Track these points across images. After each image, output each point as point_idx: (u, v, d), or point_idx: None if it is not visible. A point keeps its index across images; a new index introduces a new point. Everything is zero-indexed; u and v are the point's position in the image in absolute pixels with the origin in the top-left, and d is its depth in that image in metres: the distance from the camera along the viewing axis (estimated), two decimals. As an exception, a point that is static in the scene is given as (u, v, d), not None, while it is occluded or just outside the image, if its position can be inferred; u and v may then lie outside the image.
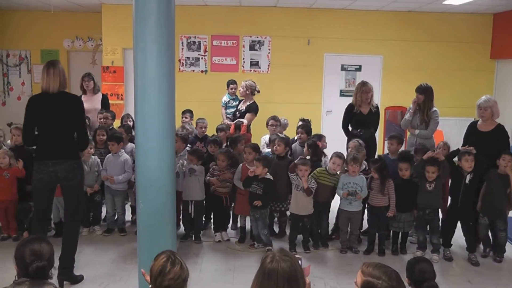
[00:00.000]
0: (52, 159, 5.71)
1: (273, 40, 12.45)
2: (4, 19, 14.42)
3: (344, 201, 7.11)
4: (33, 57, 14.72)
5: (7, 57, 14.84)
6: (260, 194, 7.01)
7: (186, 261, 6.22)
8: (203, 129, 8.71)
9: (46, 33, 14.30)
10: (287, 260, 2.99)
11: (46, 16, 13.74)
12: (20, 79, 14.91)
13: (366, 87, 8.14)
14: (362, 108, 8.17)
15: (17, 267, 3.29)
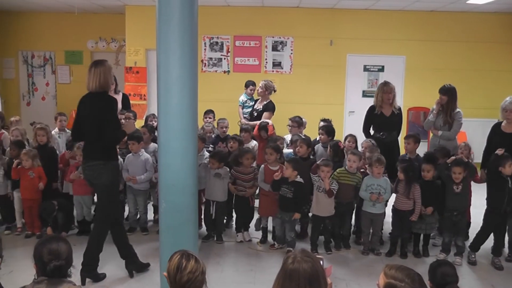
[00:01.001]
0: (84, 157, 5.97)
1: (295, 40, 12.43)
2: (29, 21, 14.61)
3: (367, 202, 7.05)
4: (57, 58, 14.89)
5: (32, 58, 15.03)
6: (290, 197, 6.95)
7: (208, 261, 6.31)
8: (224, 129, 8.72)
9: (70, 35, 14.47)
10: (308, 261, 2.98)
11: (70, 17, 13.90)
12: (45, 80, 15.09)
13: (387, 87, 8.02)
14: (384, 110, 8.03)
15: (36, 266, 3.32)
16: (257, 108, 9.65)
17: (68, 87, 14.86)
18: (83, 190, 7.53)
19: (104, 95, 5.83)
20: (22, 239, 7.49)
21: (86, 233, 7.60)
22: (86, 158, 5.91)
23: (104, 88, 5.82)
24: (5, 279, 3.63)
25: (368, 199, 6.97)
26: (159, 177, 5.44)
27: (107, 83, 5.85)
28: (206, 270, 3.27)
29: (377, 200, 6.93)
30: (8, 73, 15.13)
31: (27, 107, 15.25)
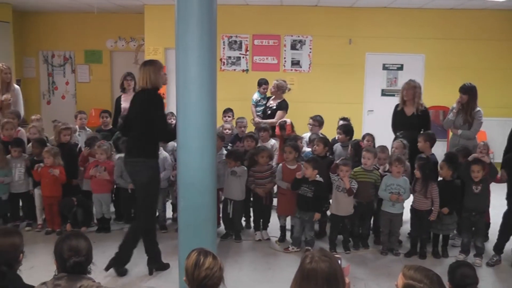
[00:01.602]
0: (126, 153, 6.09)
1: (314, 39, 12.40)
2: (49, 22, 14.77)
3: (386, 202, 7.00)
4: (77, 57, 15.02)
5: (52, 58, 15.17)
6: (311, 196, 6.93)
7: (226, 259, 6.32)
8: (243, 128, 8.73)
9: (89, 34, 14.59)
10: (326, 260, 2.98)
11: (90, 17, 14.01)
12: (65, 79, 15.22)
13: (407, 84, 8.02)
14: (407, 109, 8.00)
15: (56, 262, 3.36)
16: (270, 106, 9.63)
17: (87, 86, 14.98)
18: (101, 189, 7.61)
19: (153, 92, 5.88)
20: (43, 235, 7.58)
21: (105, 230, 7.69)
22: (128, 153, 6.00)
23: (154, 85, 5.88)
24: (26, 275, 3.65)
25: (388, 199, 6.92)
26: (178, 176, 5.47)
27: (157, 80, 5.90)
28: (223, 267, 3.29)
29: (396, 200, 6.89)
30: (29, 73, 15.27)
31: (47, 105, 15.39)
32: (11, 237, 3.56)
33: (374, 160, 7.21)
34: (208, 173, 5.38)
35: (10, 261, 3.48)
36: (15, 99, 9.26)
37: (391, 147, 7.81)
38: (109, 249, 6.82)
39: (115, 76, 14.52)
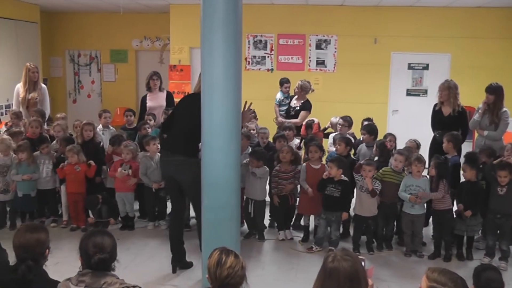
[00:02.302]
0: (169, 150, 6.05)
1: (339, 39, 12.33)
2: (76, 21, 14.94)
3: (406, 203, 6.94)
4: (103, 56, 15.16)
5: (78, 57, 15.34)
6: (338, 196, 6.90)
7: (249, 259, 6.31)
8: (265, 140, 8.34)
9: (115, 34, 14.73)
10: (348, 259, 2.98)
11: (116, 17, 14.12)
12: (90, 78, 15.38)
13: (442, 84, 8.04)
14: (444, 108, 7.98)
15: (81, 258, 3.39)
16: (294, 106, 9.63)
17: (113, 85, 15.11)
18: (125, 187, 7.68)
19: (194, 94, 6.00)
20: (68, 232, 7.68)
21: (129, 228, 7.75)
22: (173, 153, 5.97)
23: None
24: (52, 270, 3.70)
25: (407, 200, 6.86)
26: (202, 174, 5.47)
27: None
28: (246, 266, 3.29)
29: (415, 202, 6.82)
30: (55, 72, 15.46)
31: (73, 104, 15.56)
32: (38, 233, 3.61)
33: (405, 162, 7.12)
34: (232, 172, 5.38)
35: (36, 256, 3.53)
36: (42, 97, 9.41)
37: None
38: (133, 247, 6.91)
39: (140, 75, 14.64)
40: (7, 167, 7.68)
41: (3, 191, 7.70)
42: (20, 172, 7.62)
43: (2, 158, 7.69)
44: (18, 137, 8.06)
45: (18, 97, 9.37)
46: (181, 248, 6.29)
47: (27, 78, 9.27)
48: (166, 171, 6.20)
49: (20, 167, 7.63)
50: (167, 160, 6.05)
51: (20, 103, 9.35)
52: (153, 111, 9.02)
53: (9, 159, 7.70)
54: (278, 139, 8.04)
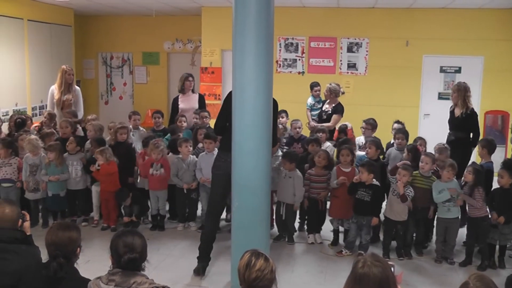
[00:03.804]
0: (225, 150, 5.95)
1: (371, 41, 12.24)
2: (109, 24, 15.14)
3: (442, 208, 6.83)
4: (135, 59, 15.31)
5: (110, 60, 15.51)
6: (368, 201, 6.86)
7: (278, 261, 6.31)
8: (298, 129, 8.72)
9: (147, 36, 14.87)
10: (378, 265, 2.96)
11: (148, 20, 14.28)
12: (122, 80, 15.54)
13: (453, 86, 8.20)
14: (456, 109, 8.06)
15: (111, 257, 3.42)
16: (326, 110, 9.60)
17: (144, 87, 15.25)
18: (158, 185, 7.75)
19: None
20: (98, 231, 7.80)
21: (159, 228, 7.82)
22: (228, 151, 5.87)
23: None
24: (82, 268, 3.74)
25: (447, 197, 6.71)
26: (233, 177, 5.48)
27: None
28: (276, 269, 3.29)
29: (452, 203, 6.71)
30: (88, 74, 15.67)
31: (105, 106, 15.75)
32: (70, 231, 3.66)
33: (432, 165, 7.06)
34: (263, 175, 5.38)
35: (68, 254, 3.57)
36: (76, 99, 9.54)
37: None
38: (163, 247, 6.95)
39: (171, 77, 14.76)
40: (36, 167, 7.81)
41: (33, 189, 7.84)
42: (49, 172, 7.75)
43: (31, 158, 7.82)
44: (51, 138, 8.19)
45: (53, 99, 9.51)
46: (209, 251, 6.31)
47: (62, 80, 9.40)
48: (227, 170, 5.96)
49: (49, 168, 7.75)
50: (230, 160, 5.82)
51: (54, 104, 9.48)
52: (185, 113, 9.06)
53: (38, 159, 7.83)
54: (311, 142, 8.02)
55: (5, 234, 3.73)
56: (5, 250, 3.65)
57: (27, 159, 7.81)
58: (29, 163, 7.79)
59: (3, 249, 3.64)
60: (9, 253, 3.63)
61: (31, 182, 7.81)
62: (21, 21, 11.80)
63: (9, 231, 3.78)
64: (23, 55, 11.91)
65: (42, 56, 12.54)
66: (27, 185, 7.81)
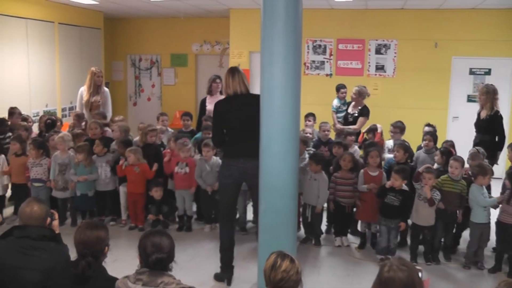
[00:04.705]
0: (243, 156, 5.90)
1: (399, 43, 12.17)
2: (137, 27, 15.29)
3: (478, 212, 6.63)
4: (163, 61, 15.44)
5: (139, 62, 15.66)
6: (397, 205, 6.79)
7: (305, 264, 6.31)
8: (326, 132, 8.71)
9: (176, 38, 15.00)
10: (404, 269, 2.93)
11: (176, 22, 14.40)
12: (151, 82, 15.67)
13: (480, 88, 8.12)
14: (482, 112, 8.05)
15: (139, 257, 3.45)
16: (352, 113, 9.59)
17: (172, 89, 15.36)
18: (183, 184, 7.81)
19: (254, 95, 5.96)
20: (126, 230, 7.89)
21: (187, 229, 7.88)
22: (250, 156, 5.80)
23: (248, 90, 6.08)
24: (110, 267, 3.78)
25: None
26: (260, 178, 5.45)
27: (248, 85, 6.12)
28: (302, 271, 3.29)
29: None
30: (117, 76, 15.84)
31: (134, 107, 15.90)
32: (98, 231, 3.71)
33: (462, 169, 6.95)
34: (290, 177, 5.35)
35: (96, 253, 3.62)
36: (104, 100, 9.64)
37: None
38: (190, 248, 6.99)
39: (199, 79, 14.84)
40: (65, 166, 7.92)
41: (62, 188, 7.95)
42: (78, 172, 7.86)
43: (60, 157, 7.93)
44: (80, 138, 8.31)
45: (82, 100, 9.63)
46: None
47: (92, 82, 9.52)
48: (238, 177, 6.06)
49: (78, 168, 7.86)
50: (246, 166, 5.95)
51: (83, 105, 9.60)
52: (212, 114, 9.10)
53: (67, 158, 7.94)
54: (336, 145, 8.01)
55: (34, 231, 3.79)
56: (34, 247, 3.71)
57: (56, 158, 7.93)
58: (58, 162, 7.91)
59: (32, 246, 3.71)
60: (38, 250, 3.70)
61: (60, 181, 7.92)
62: (52, 24, 11.98)
63: (38, 229, 3.84)
64: (54, 57, 12.09)
65: (72, 58, 12.71)
66: (55, 184, 7.92)
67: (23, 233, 3.78)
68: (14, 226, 3.88)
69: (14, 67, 10.85)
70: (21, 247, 3.71)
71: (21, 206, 3.97)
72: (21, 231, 3.81)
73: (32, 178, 7.91)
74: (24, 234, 3.77)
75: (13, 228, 3.85)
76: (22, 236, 3.76)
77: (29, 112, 10.77)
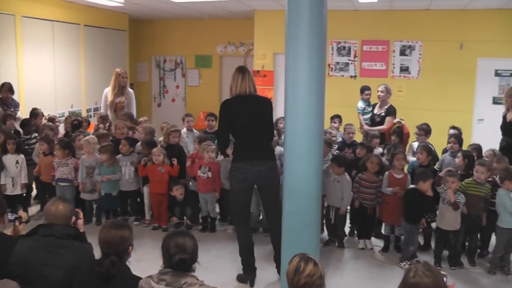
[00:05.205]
0: (257, 158, 5.88)
1: (424, 44, 12.07)
2: (162, 29, 15.43)
3: (506, 217, 6.51)
4: (187, 62, 15.51)
5: (164, 63, 15.78)
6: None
7: (328, 266, 6.28)
8: (351, 134, 8.67)
9: (200, 40, 15.07)
10: (430, 275, 2.91)
11: (201, 24, 14.47)
12: (175, 83, 15.78)
13: (507, 90, 8.03)
14: (509, 114, 7.97)
15: (163, 257, 3.47)
16: (378, 113, 9.55)
17: (197, 90, 15.44)
18: (205, 188, 7.81)
19: (263, 98, 6.06)
20: (150, 230, 7.95)
21: (211, 230, 7.93)
22: (264, 158, 5.92)
23: (255, 90, 6.07)
24: (134, 266, 3.80)
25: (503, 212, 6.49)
26: (284, 180, 5.46)
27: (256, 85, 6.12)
28: (325, 275, 3.28)
29: None
30: (141, 77, 15.97)
31: (158, 108, 16.01)
32: (122, 230, 3.73)
33: (488, 174, 6.85)
34: (314, 178, 5.34)
35: (120, 252, 3.64)
36: (129, 101, 9.72)
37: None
38: (213, 249, 7.00)
39: (224, 80, 14.89)
40: (93, 168, 8.03)
41: (90, 190, 8.06)
42: (102, 172, 7.96)
43: (88, 160, 8.03)
44: (106, 139, 8.37)
45: (106, 101, 9.72)
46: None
47: (116, 83, 9.61)
48: (253, 180, 6.07)
49: (101, 168, 7.96)
50: (258, 169, 5.98)
51: (108, 106, 9.68)
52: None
53: (94, 161, 8.04)
54: (360, 147, 7.98)
55: (58, 230, 3.86)
56: (59, 245, 3.77)
57: (83, 161, 8.05)
58: (86, 165, 8.02)
59: (56, 244, 3.77)
60: (62, 249, 3.76)
61: (88, 184, 8.04)
62: (78, 26, 12.12)
63: (63, 227, 3.90)
64: (79, 59, 12.23)
65: (97, 59, 12.84)
66: (83, 186, 8.03)
67: (49, 231, 3.85)
68: (40, 225, 3.95)
69: (40, 68, 11.01)
70: (46, 245, 3.77)
71: (47, 205, 4.05)
72: (47, 229, 3.88)
73: (58, 177, 8.03)
74: (49, 232, 3.84)
75: (38, 227, 3.92)
76: (47, 235, 3.83)
77: (54, 112, 10.92)
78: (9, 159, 8.07)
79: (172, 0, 11.02)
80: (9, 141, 8.04)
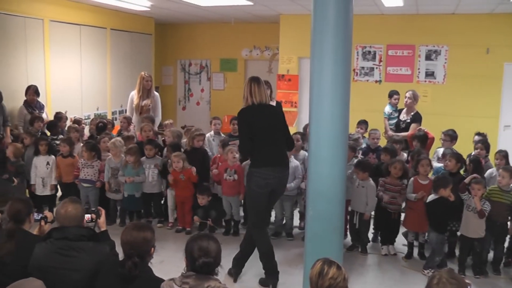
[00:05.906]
0: (279, 165, 5.95)
1: (450, 49, 11.96)
2: (188, 32, 15.54)
3: None
4: (213, 65, 15.58)
5: (189, 66, 15.86)
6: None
7: (351, 271, 6.27)
8: (376, 140, 8.64)
9: (226, 44, 15.12)
10: (454, 283, 2.90)
11: (227, 27, 14.51)
12: (200, 86, 15.85)
13: None
14: None
15: (186, 260, 3.49)
16: (404, 120, 9.49)
17: (221, 93, 15.49)
18: (230, 191, 7.80)
19: (274, 106, 6.25)
20: (173, 233, 7.98)
21: (234, 233, 7.92)
22: (284, 165, 6.00)
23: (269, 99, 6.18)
24: (156, 268, 3.82)
25: None
26: (308, 184, 5.47)
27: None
28: (348, 278, 3.28)
29: None
30: (167, 80, 16.08)
31: (183, 111, 16.11)
32: (144, 232, 3.75)
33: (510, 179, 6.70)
34: (338, 183, 5.33)
35: (142, 253, 3.66)
36: (154, 104, 9.78)
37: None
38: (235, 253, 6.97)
39: (249, 85, 14.90)
40: (118, 170, 8.11)
41: (115, 191, 8.16)
42: (126, 173, 8.03)
43: (114, 161, 8.12)
44: (130, 141, 8.45)
45: (132, 104, 9.79)
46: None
47: (141, 86, 9.67)
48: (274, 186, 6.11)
49: (125, 169, 8.04)
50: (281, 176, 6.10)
51: (133, 109, 9.76)
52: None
53: (119, 162, 8.14)
54: (384, 152, 7.96)
55: (71, 232, 3.90)
56: (71, 247, 3.81)
57: (109, 161, 8.16)
58: (111, 166, 8.12)
59: (69, 246, 3.81)
60: (76, 251, 3.80)
61: (113, 184, 8.14)
62: (105, 30, 12.25)
63: (76, 229, 3.94)
64: (105, 62, 12.36)
65: (123, 63, 12.96)
66: (108, 186, 8.14)
67: (61, 234, 3.89)
68: (53, 228, 4.00)
69: (67, 71, 11.16)
70: (59, 248, 3.81)
71: (57, 208, 4.10)
72: (59, 232, 3.92)
73: (81, 178, 8.13)
74: (62, 235, 3.88)
75: (51, 230, 3.96)
76: (60, 238, 3.86)
77: (80, 115, 11.08)
78: (40, 160, 8.25)
79: (198, 4, 11.07)
80: (41, 143, 8.26)
